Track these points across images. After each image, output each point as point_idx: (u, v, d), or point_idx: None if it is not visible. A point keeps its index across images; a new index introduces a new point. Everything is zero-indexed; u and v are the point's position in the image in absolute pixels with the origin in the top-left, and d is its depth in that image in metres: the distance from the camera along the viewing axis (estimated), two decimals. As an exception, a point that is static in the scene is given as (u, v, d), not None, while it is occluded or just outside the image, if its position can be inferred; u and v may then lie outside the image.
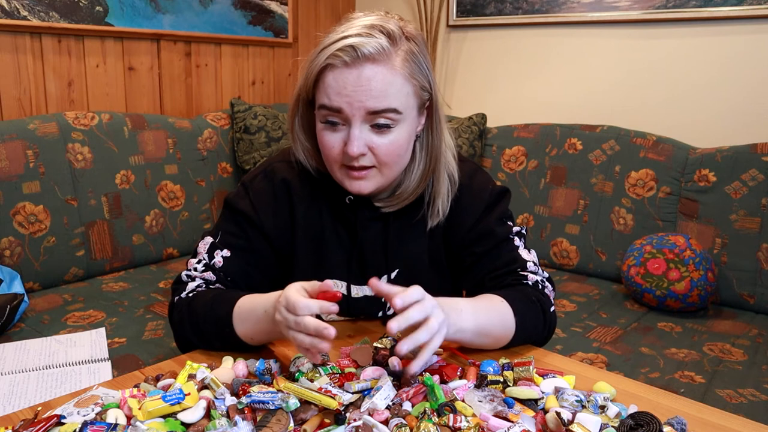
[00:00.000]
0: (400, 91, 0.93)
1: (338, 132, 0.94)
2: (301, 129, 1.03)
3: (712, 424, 0.79)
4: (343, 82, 0.90)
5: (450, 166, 1.05)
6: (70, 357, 1.43)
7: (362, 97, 0.90)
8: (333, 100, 0.92)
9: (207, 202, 2.32)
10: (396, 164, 0.98)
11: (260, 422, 0.71)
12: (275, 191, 1.06)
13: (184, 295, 1.01)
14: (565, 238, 2.25)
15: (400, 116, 0.94)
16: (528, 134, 2.43)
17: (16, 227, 1.82)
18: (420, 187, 1.03)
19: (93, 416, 0.75)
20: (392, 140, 0.94)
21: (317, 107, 0.95)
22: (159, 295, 1.86)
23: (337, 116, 0.93)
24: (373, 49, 0.90)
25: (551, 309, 1.02)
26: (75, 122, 2.00)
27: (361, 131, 0.93)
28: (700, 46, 2.20)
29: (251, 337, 0.94)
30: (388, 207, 1.04)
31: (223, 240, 1.05)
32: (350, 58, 0.90)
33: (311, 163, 1.05)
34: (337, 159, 0.96)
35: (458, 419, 0.72)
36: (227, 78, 2.65)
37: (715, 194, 1.98)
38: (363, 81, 0.90)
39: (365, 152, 0.94)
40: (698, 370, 1.53)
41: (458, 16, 2.75)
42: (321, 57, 0.91)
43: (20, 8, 1.97)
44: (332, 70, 0.91)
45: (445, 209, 1.05)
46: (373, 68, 0.90)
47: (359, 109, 0.91)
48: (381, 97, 0.91)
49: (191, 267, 1.04)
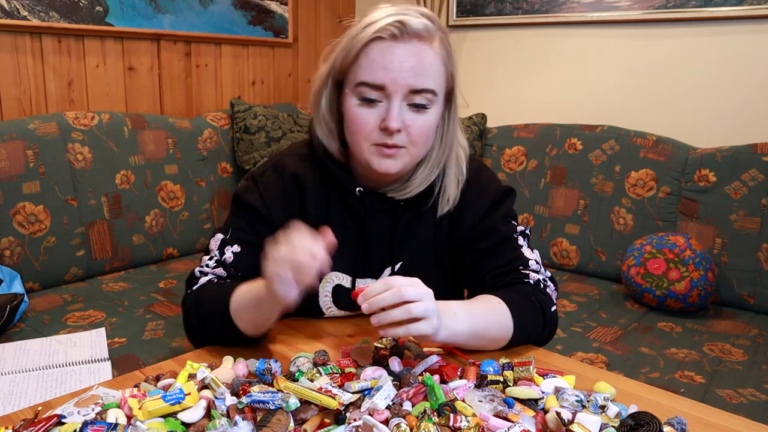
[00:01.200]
0: (437, 73, 0.96)
1: (374, 108, 0.96)
2: (328, 109, 1.04)
3: (712, 424, 0.79)
4: (390, 56, 0.93)
5: (460, 159, 1.07)
6: (70, 357, 1.43)
7: (407, 74, 0.93)
8: (377, 76, 0.93)
9: (207, 202, 2.32)
10: (424, 145, 1.00)
11: (260, 422, 0.71)
12: (285, 186, 1.06)
13: (195, 288, 1.02)
14: (565, 238, 2.25)
15: (435, 98, 0.97)
16: (528, 134, 2.43)
17: (16, 227, 1.82)
18: (432, 175, 1.04)
19: (93, 416, 0.75)
20: (426, 120, 0.97)
21: (355, 84, 0.96)
22: (159, 295, 1.86)
23: (377, 93, 0.94)
24: (421, 26, 0.93)
25: (552, 309, 1.02)
26: (75, 122, 2.00)
27: (400, 108, 0.94)
28: (700, 46, 2.20)
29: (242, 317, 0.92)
30: (399, 195, 1.05)
31: (233, 236, 1.05)
32: (399, 32, 0.92)
33: (332, 146, 1.05)
34: (369, 136, 0.97)
35: (458, 419, 0.72)
36: (227, 78, 2.65)
37: (715, 194, 1.98)
38: (410, 57, 0.93)
39: (402, 128, 0.95)
40: (698, 370, 1.53)
41: (458, 16, 2.75)
42: (367, 31, 0.93)
43: (20, 8, 1.97)
44: (379, 44, 0.93)
45: (456, 197, 1.06)
46: (420, 45, 0.94)
47: (403, 86, 0.93)
48: (423, 76, 0.94)
49: (204, 263, 1.05)
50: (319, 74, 1.03)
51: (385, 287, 0.81)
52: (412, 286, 0.82)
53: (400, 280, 0.83)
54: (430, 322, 0.82)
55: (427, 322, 0.82)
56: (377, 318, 0.81)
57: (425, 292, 0.83)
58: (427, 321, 0.82)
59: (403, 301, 0.80)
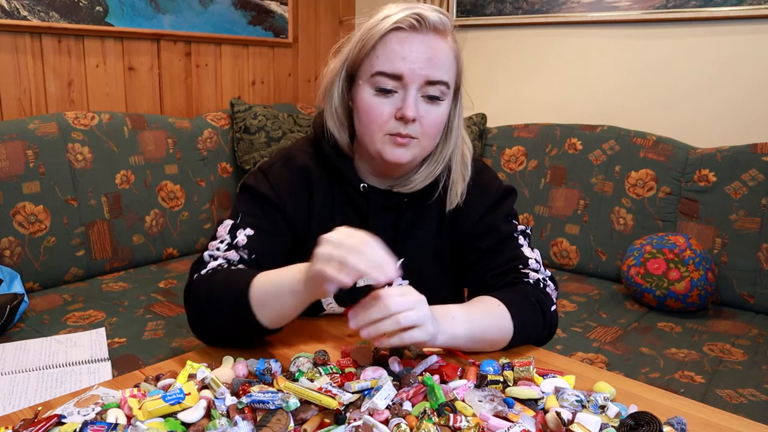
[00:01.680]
0: (451, 67, 0.99)
1: (390, 98, 0.97)
2: (341, 101, 1.05)
3: (712, 424, 0.79)
4: (409, 46, 0.94)
5: (465, 156, 1.08)
6: (70, 357, 1.43)
7: (424, 64, 0.95)
8: (395, 66, 0.95)
9: (207, 202, 2.32)
10: (435, 138, 1.01)
11: (260, 422, 0.71)
12: (294, 178, 1.06)
13: (204, 272, 0.97)
14: (565, 238, 2.25)
15: (448, 91, 0.99)
16: (528, 134, 2.43)
17: (16, 227, 1.82)
18: (436, 169, 1.05)
19: (93, 416, 0.75)
20: (439, 113, 0.99)
21: (371, 74, 0.97)
22: (159, 295, 1.87)
23: (394, 83, 0.96)
24: (438, 20, 0.96)
25: (552, 308, 1.02)
26: (75, 122, 2.00)
27: (417, 97, 0.96)
28: (700, 46, 2.20)
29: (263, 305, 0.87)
30: (404, 189, 1.05)
31: (245, 220, 1.02)
32: (418, 24, 0.95)
33: (343, 138, 1.06)
34: (383, 126, 0.97)
35: (458, 419, 0.72)
36: (227, 78, 2.65)
37: (715, 194, 1.98)
38: (427, 48, 0.95)
39: (417, 118, 0.97)
40: (698, 370, 1.53)
41: (458, 16, 2.75)
42: (386, 22, 0.95)
43: (20, 8, 1.97)
44: (398, 34, 0.95)
45: (464, 191, 1.07)
46: (437, 39, 0.96)
47: (420, 76, 0.95)
48: (440, 68, 0.96)
49: (213, 248, 1.00)
50: (331, 68, 1.04)
51: (373, 301, 0.81)
52: (401, 296, 0.82)
53: (387, 291, 0.82)
54: (424, 329, 0.82)
55: (420, 330, 0.82)
56: (366, 331, 0.81)
57: (415, 300, 0.82)
58: (421, 328, 0.82)
59: (390, 314, 0.80)
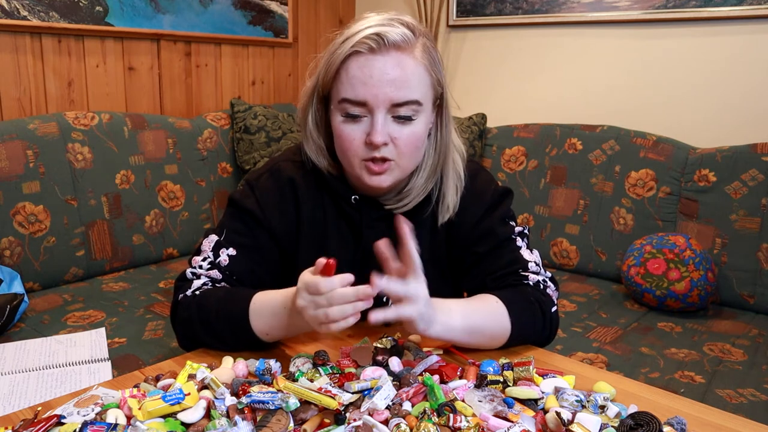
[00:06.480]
0: (421, 82, 0.94)
1: (359, 124, 0.95)
2: (315, 126, 1.03)
3: (712, 424, 0.79)
4: (369, 70, 0.91)
5: (457, 165, 1.06)
6: (70, 357, 1.43)
7: (387, 88, 0.91)
8: (358, 92, 0.92)
9: (207, 202, 2.32)
10: (413, 157, 0.98)
11: (260, 422, 0.71)
12: (281, 190, 1.05)
13: (189, 292, 0.99)
14: (565, 238, 2.25)
15: (421, 108, 0.95)
16: (528, 134, 2.43)
17: (16, 227, 1.82)
18: (428, 184, 1.03)
19: (93, 416, 0.75)
20: (413, 132, 0.95)
21: (338, 101, 0.95)
22: (159, 295, 1.86)
23: (360, 108, 0.93)
24: (399, 36, 0.91)
25: (552, 309, 1.02)
26: (75, 122, 2.00)
27: (385, 121, 0.93)
28: (700, 46, 2.20)
29: (267, 332, 0.92)
30: (397, 207, 1.04)
31: (229, 238, 1.03)
32: (377, 45, 0.91)
33: (322, 162, 1.04)
34: (357, 152, 0.96)
35: (458, 419, 0.72)
36: (227, 78, 2.65)
37: (715, 194, 1.98)
38: (389, 68, 0.91)
39: (388, 142, 0.94)
40: (698, 370, 1.53)
41: (458, 16, 2.75)
42: (345, 46, 0.92)
43: (20, 8, 1.97)
44: (357, 58, 0.92)
45: (455, 204, 1.05)
46: (399, 56, 0.92)
47: (384, 100, 0.92)
48: (405, 88, 0.92)
49: (196, 265, 1.02)
50: (305, 90, 1.02)
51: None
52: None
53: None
54: (415, 305, 0.83)
55: (411, 305, 0.83)
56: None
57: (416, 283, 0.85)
58: (411, 304, 0.83)
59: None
